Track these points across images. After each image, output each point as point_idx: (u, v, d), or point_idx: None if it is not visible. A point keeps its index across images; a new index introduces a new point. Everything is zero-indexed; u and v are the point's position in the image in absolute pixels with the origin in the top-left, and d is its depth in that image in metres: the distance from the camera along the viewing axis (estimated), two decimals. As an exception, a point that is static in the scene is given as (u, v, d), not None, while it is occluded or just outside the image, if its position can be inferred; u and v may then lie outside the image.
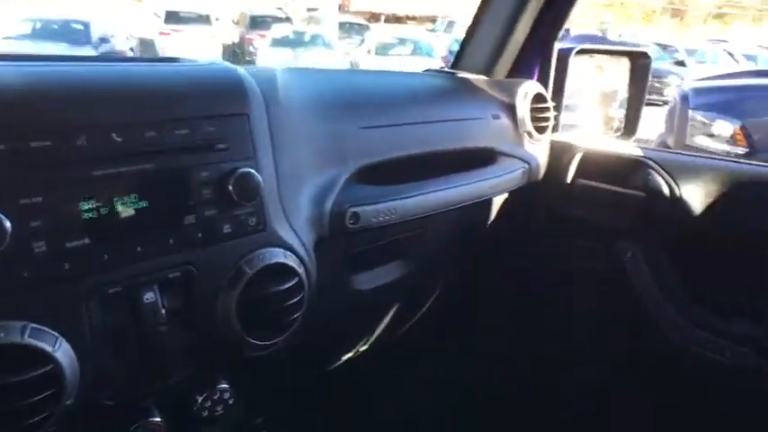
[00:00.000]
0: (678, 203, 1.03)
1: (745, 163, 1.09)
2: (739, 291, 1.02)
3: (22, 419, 0.49)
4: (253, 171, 0.63)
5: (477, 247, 1.26)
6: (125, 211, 0.56)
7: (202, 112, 0.61)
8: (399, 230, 0.98)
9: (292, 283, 0.67)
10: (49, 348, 0.50)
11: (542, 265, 1.23)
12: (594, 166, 1.14)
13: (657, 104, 7.46)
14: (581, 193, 1.14)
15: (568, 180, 1.15)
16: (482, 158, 1.02)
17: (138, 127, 0.56)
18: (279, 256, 0.66)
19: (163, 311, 0.58)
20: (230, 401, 0.72)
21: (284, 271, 0.66)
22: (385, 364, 1.34)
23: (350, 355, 1.19)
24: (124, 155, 0.56)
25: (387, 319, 1.15)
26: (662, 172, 1.05)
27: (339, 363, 1.18)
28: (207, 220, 0.61)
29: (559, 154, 1.17)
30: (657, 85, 9.98)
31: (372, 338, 1.19)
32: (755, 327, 0.97)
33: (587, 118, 1.45)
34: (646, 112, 1.39)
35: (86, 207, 0.54)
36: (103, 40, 9.11)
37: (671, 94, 5.24)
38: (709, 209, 1.01)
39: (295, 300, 0.67)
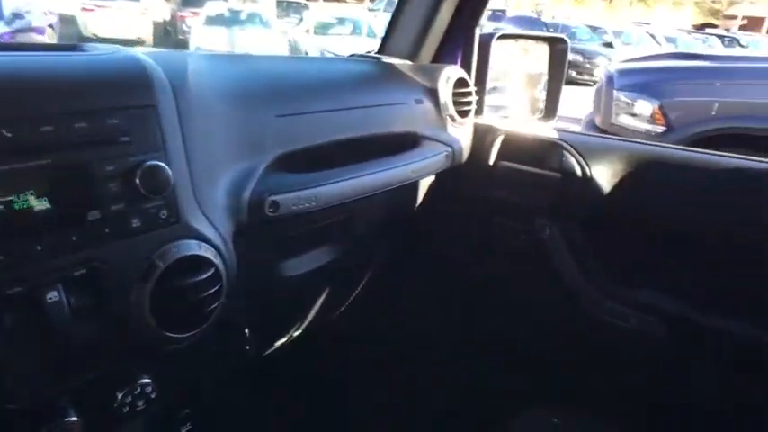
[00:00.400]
0: (590, 183, 1.09)
1: (651, 144, 1.17)
2: (645, 263, 1.09)
3: None
4: (161, 164, 0.61)
5: (406, 229, 1.29)
6: (22, 208, 0.54)
7: (103, 104, 0.59)
8: (326, 216, 0.98)
9: (208, 274, 0.66)
10: None
11: (468, 245, 1.28)
12: (515, 148, 1.19)
13: (588, 84, 7.77)
14: (503, 175, 1.19)
15: (491, 162, 1.20)
16: (405, 143, 1.03)
17: (30, 121, 0.54)
18: (193, 248, 0.65)
19: (68, 310, 0.57)
20: (152, 395, 0.72)
21: (199, 262, 0.66)
22: (319, 348, 1.36)
23: (283, 340, 1.20)
24: (16, 151, 0.53)
25: (318, 304, 1.16)
26: (575, 153, 1.11)
27: (272, 349, 1.19)
28: (114, 214, 0.59)
29: (482, 137, 1.20)
30: (588, 65, 10.39)
31: (305, 323, 1.20)
32: (659, 296, 1.06)
33: (515, 99, 1.50)
34: (578, 92, 1.45)
35: None
36: (17, 15, 8.44)
37: (599, 74, 5.47)
38: (618, 187, 1.08)
39: (212, 291, 0.67)
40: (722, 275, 1.01)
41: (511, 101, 1.48)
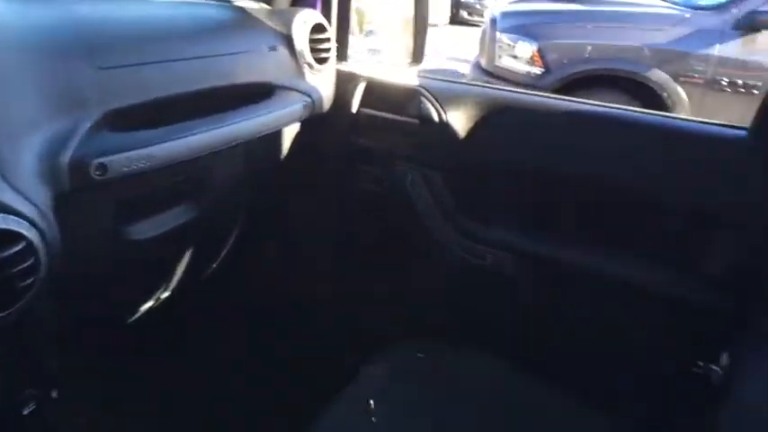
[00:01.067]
0: (446, 128, 1.12)
1: (506, 90, 1.22)
2: (499, 205, 1.16)
3: None
4: None
5: (272, 181, 1.26)
6: None
7: None
8: (173, 174, 0.93)
9: (18, 247, 0.60)
10: None
11: (334, 194, 1.28)
12: (377, 95, 1.19)
13: (478, 26, 7.90)
14: (366, 122, 1.19)
15: (353, 110, 1.19)
16: (258, 93, 0.99)
17: None
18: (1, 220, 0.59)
19: None
20: None
21: (6, 237, 0.60)
22: (193, 307, 1.32)
23: (150, 304, 1.15)
24: None
25: (182, 266, 1.12)
26: (432, 100, 1.13)
27: (139, 314, 1.14)
28: None
29: (345, 84, 1.19)
30: (478, 7, 10.53)
31: (173, 285, 1.16)
32: (509, 233, 1.13)
33: (388, 44, 1.48)
34: (470, 33, 1.45)
35: None
36: None
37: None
38: (472, 132, 1.12)
39: (25, 264, 0.61)
40: (572, 213, 1.10)
41: (385, 45, 1.47)
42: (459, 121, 1.12)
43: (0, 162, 0.61)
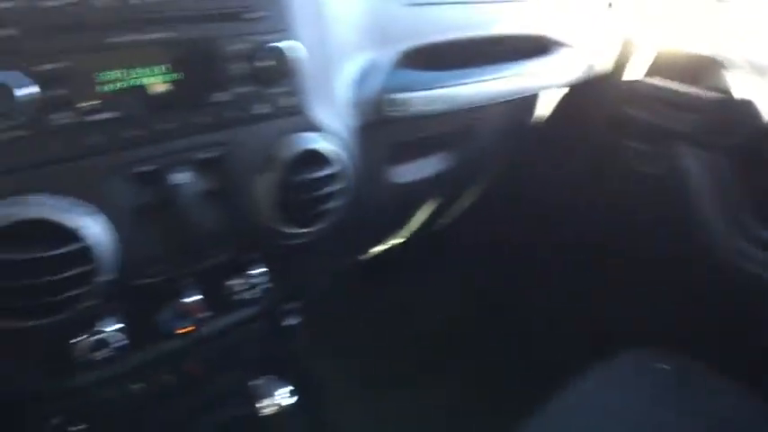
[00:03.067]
0: (748, 108, 0.92)
1: None
2: None
3: (55, 295, 0.49)
4: (288, 46, 0.57)
5: (524, 146, 1.18)
6: (152, 84, 0.52)
7: None
8: (444, 123, 0.92)
9: (330, 171, 0.63)
10: (77, 225, 0.48)
11: (597, 169, 1.15)
12: (663, 62, 1.02)
13: None
14: (644, 92, 1.04)
15: (632, 77, 1.04)
16: (540, 47, 0.92)
17: None
18: (316, 141, 0.61)
19: (193, 193, 0.56)
20: (266, 286, 0.72)
21: (321, 158, 0.62)
22: (415, 258, 1.34)
23: (380, 248, 1.19)
24: (142, 21, 0.50)
25: (424, 214, 1.12)
26: (734, 71, 0.93)
27: (367, 255, 1.18)
28: (239, 97, 0.56)
29: (625, 47, 1.05)
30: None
31: (406, 233, 1.17)
32: None
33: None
34: None
35: (111, 77, 0.50)
36: None
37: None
38: None
39: (332, 188, 0.64)
40: None
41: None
42: None
43: (325, 85, 0.64)
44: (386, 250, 1.21)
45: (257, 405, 0.81)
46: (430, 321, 1.38)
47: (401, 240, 1.18)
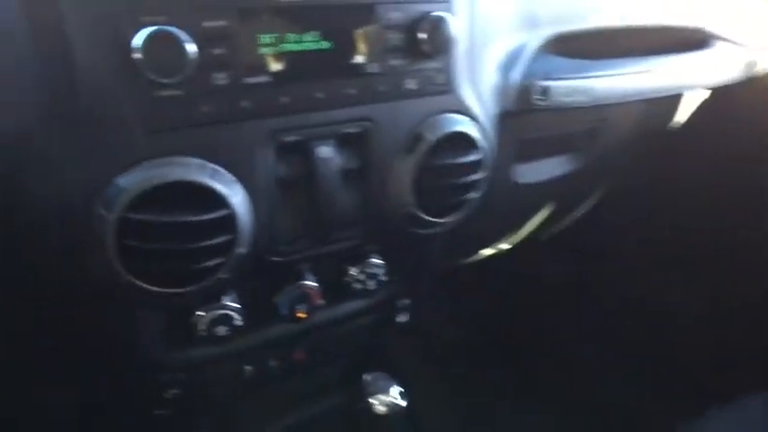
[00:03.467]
0: None
1: None
2: None
3: (198, 262, 0.47)
4: (448, 17, 0.52)
5: (657, 148, 1.07)
6: (307, 50, 0.49)
7: None
8: (576, 120, 0.84)
9: (474, 157, 0.58)
10: (226, 191, 0.46)
11: (725, 180, 1.02)
12: None
13: None
14: None
15: None
16: (692, 42, 0.82)
17: None
18: (463, 124, 0.57)
19: (335, 168, 0.53)
20: (382, 278, 0.69)
21: (469, 142, 0.58)
22: (519, 267, 1.25)
23: (488, 252, 1.12)
24: None
25: (537, 219, 1.04)
26: None
27: (476, 258, 1.12)
28: (391, 70, 0.53)
29: None
30: None
31: (516, 238, 1.10)
32: None
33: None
34: None
35: (267, 40, 0.48)
36: None
37: None
38: None
39: (474, 177, 0.59)
40: None
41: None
42: None
43: (475, 65, 0.60)
44: (490, 256, 1.15)
45: (370, 400, 0.77)
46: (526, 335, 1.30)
47: (508, 247, 1.11)
